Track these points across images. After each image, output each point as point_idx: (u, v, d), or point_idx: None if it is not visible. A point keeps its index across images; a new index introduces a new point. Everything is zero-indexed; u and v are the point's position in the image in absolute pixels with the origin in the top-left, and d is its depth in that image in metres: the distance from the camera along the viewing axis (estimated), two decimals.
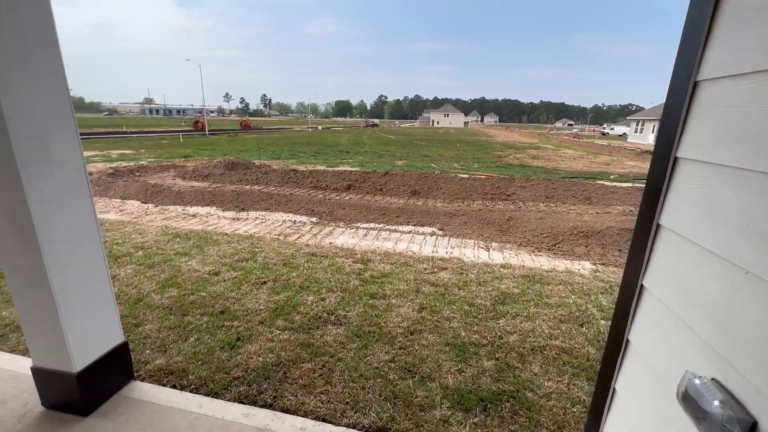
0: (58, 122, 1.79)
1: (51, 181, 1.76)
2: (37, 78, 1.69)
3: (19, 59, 1.61)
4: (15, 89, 1.60)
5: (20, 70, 1.62)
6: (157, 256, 4.32)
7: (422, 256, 4.62)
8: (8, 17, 1.56)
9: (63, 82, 1.80)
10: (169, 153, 17.05)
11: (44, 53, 1.70)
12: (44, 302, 1.83)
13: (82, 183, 1.93)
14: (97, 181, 8.98)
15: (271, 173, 9.92)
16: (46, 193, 1.74)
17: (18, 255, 1.78)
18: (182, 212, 6.68)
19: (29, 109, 1.66)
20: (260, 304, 3.28)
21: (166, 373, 2.41)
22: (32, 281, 1.81)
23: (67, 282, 1.86)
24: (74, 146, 1.87)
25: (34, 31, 1.66)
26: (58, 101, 1.78)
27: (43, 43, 1.70)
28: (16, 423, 1.97)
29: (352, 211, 6.89)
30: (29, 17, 1.64)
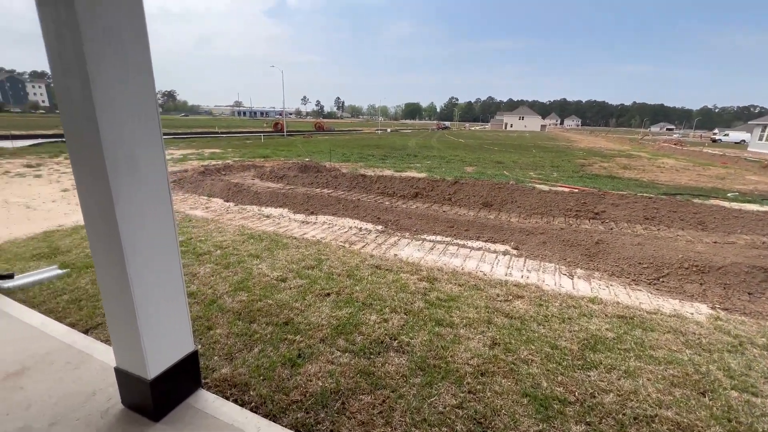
0: (147, 138, 1.84)
1: (137, 196, 1.82)
2: (133, 97, 1.74)
3: (119, 80, 1.67)
4: (113, 109, 1.66)
5: (119, 93, 1.68)
6: (233, 257, 4.54)
7: (494, 279, 4.21)
8: (111, 42, 1.61)
9: (153, 99, 1.85)
10: (251, 152, 18.52)
11: (140, 74, 1.76)
12: (126, 310, 1.91)
13: (164, 198, 1.97)
14: (189, 179, 10.01)
15: (340, 177, 10.14)
16: (132, 208, 1.80)
17: (107, 266, 1.87)
18: (258, 212, 7.07)
19: (123, 127, 1.72)
20: (323, 318, 3.21)
21: (230, 385, 2.42)
22: (117, 290, 1.89)
23: (146, 292, 1.92)
24: (159, 161, 1.91)
25: (133, 53, 1.71)
26: (148, 118, 1.83)
27: (140, 64, 1.75)
28: (99, 418, 2.09)
29: (418, 221, 6.66)
30: (129, 40, 1.69)
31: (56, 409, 2.13)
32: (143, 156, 1.82)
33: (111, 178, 1.69)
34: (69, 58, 1.57)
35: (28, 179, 10.06)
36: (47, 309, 3.19)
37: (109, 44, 1.61)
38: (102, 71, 1.60)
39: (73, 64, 1.57)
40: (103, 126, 1.63)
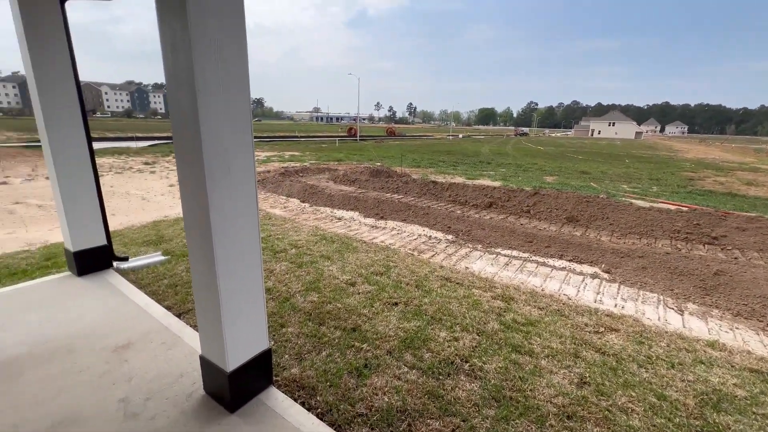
0: (240, 143, 1.92)
1: (228, 195, 1.91)
2: (230, 105, 1.83)
3: (220, 89, 1.77)
4: (213, 115, 1.76)
5: (219, 101, 1.77)
6: (306, 257, 4.71)
7: (581, 306, 3.73)
8: (216, 56, 1.71)
9: (248, 107, 1.93)
10: (326, 156, 19.48)
11: (237, 84, 1.84)
12: (212, 302, 2.01)
13: (251, 198, 2.05)
14: (271, 179, 10.81)
15: (411, 183, 10.08)
16: (224, 209, 1.89)
17: (199, 257, 1.99)
18: (330, 214, 7.31)
19: (220, 132, 1.81)
20: (390, 329, 3.12)
21: (298, 386, 2.44)
22: (205, 282, 2.01)
23: (230, 287, 2.01)
24: (249, 164, 1.99)
25: (233, 66, 1.80)
26: (242, 124, 1.91)
27: (238, 76, 1.83)
28: (184, 400, 2.25)
29: (492, 232, 6.27)
30: (231, 54, 1.78)
31: (150, 385, 2.34)
32: (236, 158, 1.91)
33: (207, 176, 1.79)
34: (180, 69, 1.69)
35: (145, 174, 11.80)
36: (150, 291, 3.60)
37: (213, 58, 1.71)
38: (206, 81, 1.70)
39: (183, 74, 1.69)
40: (204, 130, 1.73)
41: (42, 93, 3.32)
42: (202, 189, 1.81)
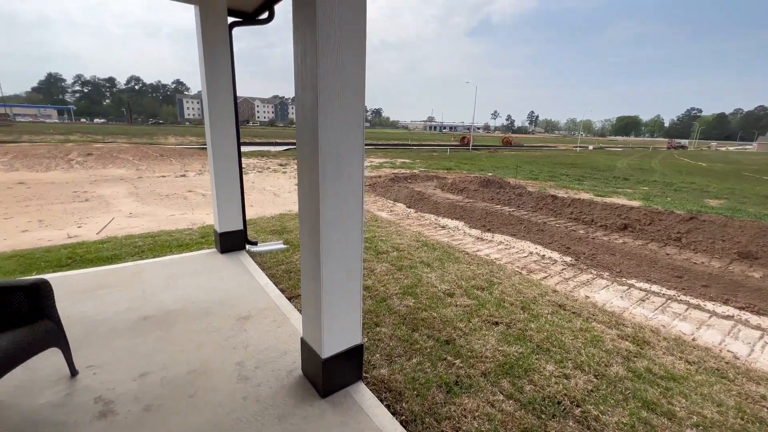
0: (353, 141, 2.00)
1: (337, 194, 2.01)
2: (346, 110, 1.92)
3: (338, 95, 1.87)
4: (330, 119, 1.87)
5: (336, 106, 1.88)
6: (406, 261, 4.73)
7: (758, 371, 2.80)
8: (337, 64, 1.82)
9: (361, 113, 1.99)
10: (435, 164, 19.51)
11: (354, 92, 1.92)
12: (315, 293, 2.14)
13: (358, 198, 2.11)
14: (381, 184, 11.32)
15: (525, 195, 9.28)
16: (333, 201, 2.00)
17: (308, 249, 2.15)
18: (434, 222, 7.23)
19: (335, 135, 1.92)
20: (487, 349, 2.86)
21: (386, 388, 2.42)
22: (311, 272, 2.15)
23: (331, 279, 2.11)
24: (358, 166, 2.06)
25: (351, 75, 1.89)
26: (355, 129, 1.99)
27: (354, 84, 1.91)
28: (285, 375, 2.45)
29: (624, 260, 5.27)
30: (350, 63, 1.87)
31: (260, 356, 2.63)
32: (346, 161, 2.00)
33: (321, 176, 1.91)
34: (307, 75, 1.86)
35: (278, 174, 13.71)
36: (270, 273, 4.09)
37: (335, 65, 1.82)
38: (327, 86, 1.82)
39: (309, 80, 1.84)
40: (321, 132, 1.85)
41: (210, 106, 4.12)
42: (315, 185, 1.94)
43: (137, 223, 6.45)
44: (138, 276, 3.83)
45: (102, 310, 3.12)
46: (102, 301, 3.25)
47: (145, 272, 3.94)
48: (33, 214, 6.98)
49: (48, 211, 7.31)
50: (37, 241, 5.39)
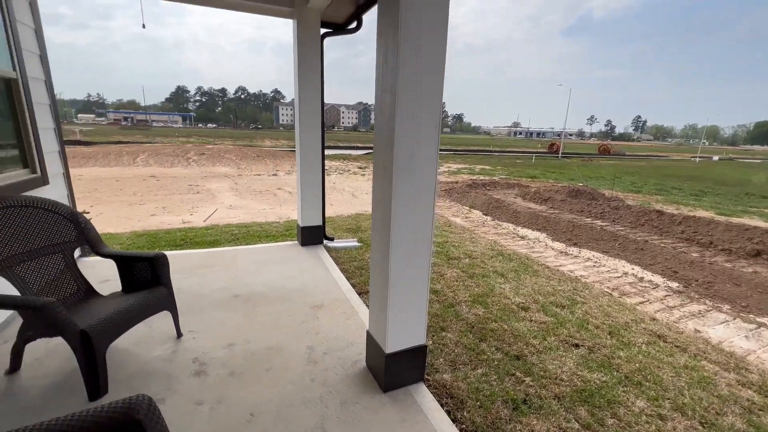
0: (428, 143, 2.01)
1: (409, 195, 2.03)
2: (422, 112, 1.94)
3: (415, 99, 1.90)
4: (406, 121, 1.91)
5: (413, 108, 1.91)
6: (478, 268, 4.55)
7: None
8: (415, 68, 1.85)
9: (437, 116, 1.99)
10: (518, 172, 18.44)
11: (430, 96, 1.93)
12: (382, 289, 2.19)
13: (429, 202, 2.11)
14: (458, 190, 11.08)
15: (623, 209, 8.22)
16: (404, 200, 2.03)
17: (378, 247, 2.21)
18: (513, 231, 6.83)
19: (410, 137, 1.95)
20: (563, 371, 2.61)
21: (447, 394, 2.36)
22: (380, 269, 2.21)
23: (398, 277, 2.13)
24: (431, 170, 2.05)
25: (427, 79, 1.90)
26: (430, 132, 1.99)
27: (432, 88, 1.92)
28: (350, 365, 2.55)
29: (754, 293, 4.34)
30: (428, 69, 1.89)
31: (329, 343, 2.77)
32: (420, 162, 2.01)
33: (394, 176, 1.96)
34: (387, 77, 1.92)
35: (357, 176, 14.32)
36: (343, 268, 4.30)
37: (414, 68, 1.85)
38: (406, 89, 1.86)
39: (388, 82, 1.91)
40: (398, 133, 1.90)
41: (301, 112, 4.50)
42: (388, 185, 2.00)
43: (235, 214, 7.34)
44: (233, 259, 4.35)
45: (203, 285, 3.62)
46: (204, 278, 3.77)
47: (238, 257, 4.45)
48: (159, 202, 8.40)
49: (170, 199, 8.73)
50: (160, 224, 6.47)
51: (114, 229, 6.09)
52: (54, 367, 2.33)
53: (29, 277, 2.32)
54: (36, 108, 3.35)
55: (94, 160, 15.93)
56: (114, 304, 2.34)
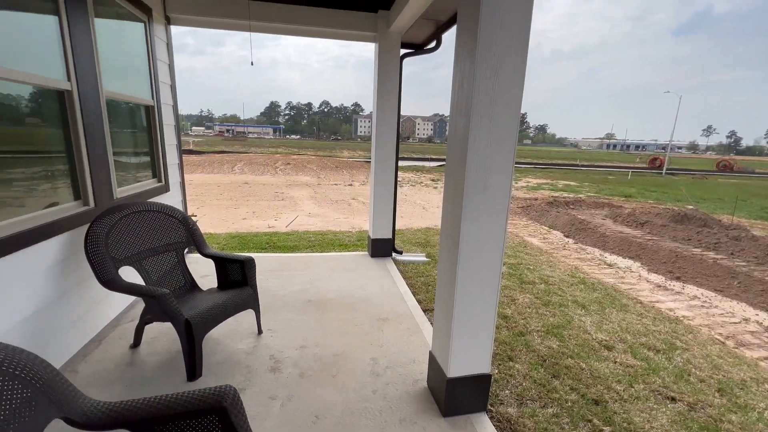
0: (500, 167, 1.96)
1: (479, 214, 2.00)
2: (497, 129, 1.91)
3: (489, 116, 1.88)
4: (479, 139, 1.90)
5: (487, 125, 1.89)
6: (555, 296, 4.21)
7: None
8: (491, 86, 1.83)
9: (514, 132, 1.94)
10: (610, 189, 16.61)
11: (507, 110, 1.89)
12: (447, 310, 2.18)
13: (501, 221, 2.05)
14: (536, 207, 10.39)
15: (746, 240, 6.88)
16: (474, 218, 2.01)
17: (444, 265, 2.21)
18: (598, 257, 6.18)
19: (484, 154, 1.93)
20: (653, 427, 2.27)
21: (511, 429, 2.23)
22: (445, 289, 2.20)
23: (465, 298, 2.10)
24: (505, 187, 2.00)
25: (505, 96, 1.86)
26: (506, 149, 1.94)
27: (509, 103, 1.88)
28: (411, 384, 2.56)
29: None
30: (506, 84, 1.86)
31: (392, 357, 2.82)
32: (492, 184, 1.97)
33: (465, 197, 1.95)
34: (462, 101, 1.94)
35: (429, 189, 14.30)
36: (410, 283, 4.33)
37: (489, 93, 1.84)
38: (480, 113, 1.86)
39: (463, 106, 1.92)
40: (470, 151, 1.90)
41: (377, 125, 4.71)
42: (459, 202, 1.99)
43: (313, 222, 7.88)
44: (308, 264, 4.68)
45: (282, 287, 3.96)
46: (282, 281, 4.13)
47: (313, 262, 4.78)
48: (250, 207, 9.42)
49: (258, 205, 9.73)
50: (250, 227, 7.25)
51: (214, 230, 7.00)
52: (163, 348, 2.76)
53: (151, 269, 2.80)
54: (165, 128, 4.06)
55: (202, 167, 18.55)
56: (211, 299, 2.71)
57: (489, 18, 1.77)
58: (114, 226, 2.62)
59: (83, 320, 2.75)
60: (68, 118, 2.54)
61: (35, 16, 2.32)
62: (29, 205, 2.29)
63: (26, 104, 2.36)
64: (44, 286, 2.33)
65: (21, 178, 2.28)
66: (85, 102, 2.63)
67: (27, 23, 2.27)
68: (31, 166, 2.36)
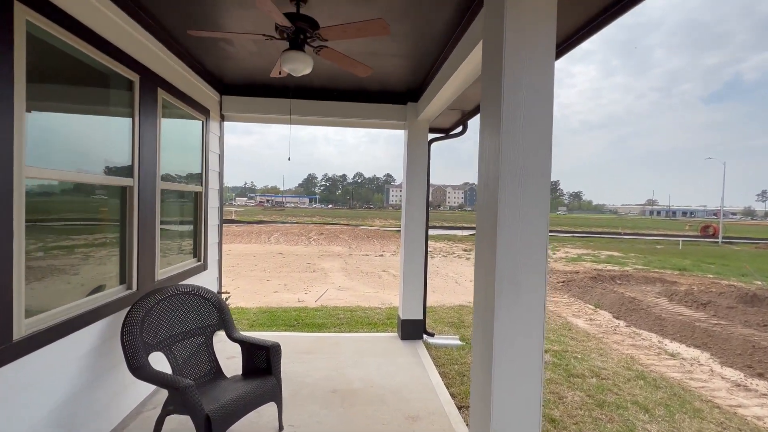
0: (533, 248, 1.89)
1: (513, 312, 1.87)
2: (525, 206, 1.87)
3: (515, 194, 1.87)
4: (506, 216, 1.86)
5: (515, 201, 1.87)
6: (610, 395, 3.69)
7: None
8: (518, 164, 1.85)
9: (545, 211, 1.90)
10: (660, 261, 15.41)
11: (535, 184, 1.88)
12: (484, 416, 1.94)
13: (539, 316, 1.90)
14: (578, 282, 9.72)
15: None
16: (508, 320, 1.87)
17: (478, 362, 2.03)
18: (657, 344, 5.50)
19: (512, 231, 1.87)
20: None
21: None
22: (481, 391, 1.99)
23: (502, 405, 1.88)
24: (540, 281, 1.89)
25: (533, 173, 1.87)
26: (537, 234, 1.89)
27: (538, 179, 1.88)
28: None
29: None
30: (534, 162, 1.87)
31: None
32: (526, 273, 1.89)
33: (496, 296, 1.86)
34: (489, 178, 1.96)
35: (462, 260, 13.95)
36: (442, 372, 4.00)
37: (516, 176, 1.86)
38: (505, 186, 1.85)
39: (491, 182, 1.93)
40: (500, 227, 1.85)
41: (408, 196, 4.82)
42: (490, 312, 1.90)
43: (342, 296, 7.79)
44: (336, 347, 4.50)
45: (307, 373, 3.78)
46: (308, 365, 3.95)
47: (340, 344, 4.60)
48: (282, 279, 9.56)
49: (290, 277, 9.85)
50: (280, 301, 7.26)
51: (246, 303, 7.07)
52: None
53: (179, 354, 2.79)
54: (209, 211, 4.38)
55: (240, 237, 19.54)
56: (234, 390, 2.60)
57: (510, 114, 1.86)
58: (150, 310, 2.70)
59: (109, 407, 2.72)
60: (126, 209, 2.81)
61: (114, 119, 2.71)
62: (79, 289, 2.43)
63: (93, 197, 2.66)
64: (79, 374, 2.36)
65: (76, 263, 2.46)
66: (143, 194, 2.93)
67: (106, 125, 2.66)
68: (88, 251, 2.56)
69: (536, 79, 1.87)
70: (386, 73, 4.01)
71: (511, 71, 1.86)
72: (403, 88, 4.51)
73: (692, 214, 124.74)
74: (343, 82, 4.39)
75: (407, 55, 3.53)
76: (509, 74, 1.86)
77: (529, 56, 1.87)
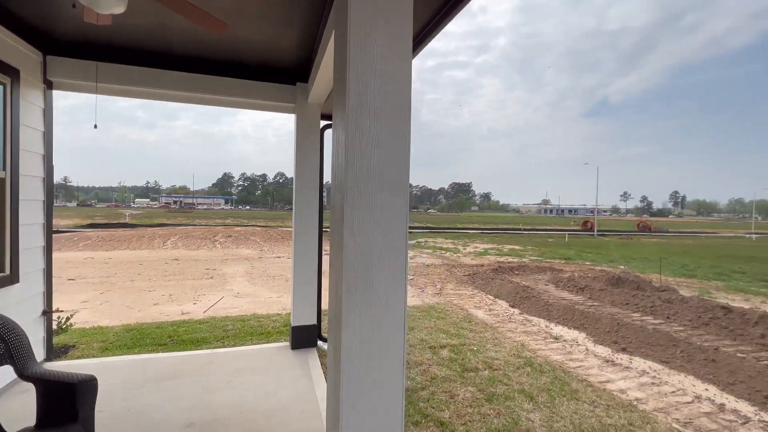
0: (391, 249, 1.56)
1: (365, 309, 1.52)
2: (382, 212, 1.54)
3: (373, 199, 1.52)
4: (359, 223, 1.50)
5: (371, 209, 1.52)
6: (500, 386, 3.67)
7: None
8: (366, 154, 1.50)
9: (404, 196, 1.58)
10: (551, 252, 17.32)
11: (395, 183, 1.55)
12: (335, 401, 1.55)
13: (399, 330, 1.58)
14: (482, 275, 10.26)
15: (677, 303, 7.03)
16: (358, 313, 1.51)
17: (331, 344, 1.63)
18: (545, 329, 5.86)
19: (368, 237, 1.52)
20: None
21: None
22: (334, 376, 1.59)
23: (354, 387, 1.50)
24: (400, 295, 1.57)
25: (392, 170, 1.54)
26: (399, 212, 1.56)
27: (397, 178, 1.56)
28: None
29: None
30: (388, 158, 1.54)
31: None
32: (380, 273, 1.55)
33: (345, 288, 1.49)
34: (339, 172, 1.57)
35: None
36: None
37: (365, 160, 1.51)
38: (354, 180, 1.49)
39: (341, 174, 1.55)
40: (346, 223, 1.48)
41: (297, 193, 4.30)
42: (339, 309, 1.52)
43: (238, 304, 6.92)
44: (208, 366, 3.77)
45: (160, 406, 3.02)
46: (168, 393, 3.19)
47: (215, 363, 3.88)
48: (168, 289, 8.22)
49: (180, 286, 8.55)
50: (159, 315, 6.12)
51: (110, 321, 5.80)
52: None
53: None
54: (23, 204, 3.30)
55: (128, 242, 16.75)
56: None
57: (357, 102, 1.50)
58: None
59: None
60: None
61: None
62: None
63: None
64: None
65: None
66: None
67: None
68: None
69: (389, 68, 1.56)
70: (265, 41, 3.45)
71: (357, 50, 1.52)
72: (291, 64, 3.99)
73: (576, 212, 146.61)
74: (218, 52, 3.71)
75: (286, 22, 3.02)
76: (354, 44, 1.51)
77: (380, 41, 1.56)
